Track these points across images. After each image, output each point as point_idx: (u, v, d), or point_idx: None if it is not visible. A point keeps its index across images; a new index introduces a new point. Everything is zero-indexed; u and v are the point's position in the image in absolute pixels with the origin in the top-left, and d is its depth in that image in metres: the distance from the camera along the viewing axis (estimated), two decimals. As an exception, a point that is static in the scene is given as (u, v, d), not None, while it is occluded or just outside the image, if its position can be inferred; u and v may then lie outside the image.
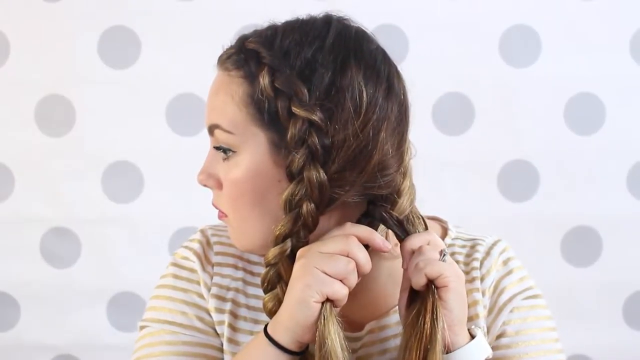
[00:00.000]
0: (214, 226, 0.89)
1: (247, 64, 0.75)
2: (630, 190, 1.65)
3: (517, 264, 0.87)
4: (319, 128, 0.72)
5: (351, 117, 0.73)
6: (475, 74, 1.62)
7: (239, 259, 0.87)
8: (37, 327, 1.65)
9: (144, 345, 0.84)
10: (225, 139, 0.76)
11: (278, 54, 0.74)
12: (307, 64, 0.74)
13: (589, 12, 1.62)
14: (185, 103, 1.61)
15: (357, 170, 0.74)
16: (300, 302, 0.72)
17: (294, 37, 0.76)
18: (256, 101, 0.74)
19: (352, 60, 0.74)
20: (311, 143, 0.72)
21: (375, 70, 0.75)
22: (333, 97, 0.73)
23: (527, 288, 0.85)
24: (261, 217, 0.77)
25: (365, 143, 0.73)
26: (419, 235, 0.77)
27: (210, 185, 0.80)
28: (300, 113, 0.72)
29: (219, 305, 0.84)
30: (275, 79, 0.73)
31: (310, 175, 0.72)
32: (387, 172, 0.75)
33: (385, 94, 0.75)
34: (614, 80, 1.63)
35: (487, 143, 1.63)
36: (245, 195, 0.76)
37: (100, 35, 1.60)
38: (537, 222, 1.64)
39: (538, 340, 0.83)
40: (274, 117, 0.74)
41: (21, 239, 1.63)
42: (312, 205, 0.73)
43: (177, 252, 0.88)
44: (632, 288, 1.67)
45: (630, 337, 1.67)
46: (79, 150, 1.62)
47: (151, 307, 0.86)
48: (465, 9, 1.62)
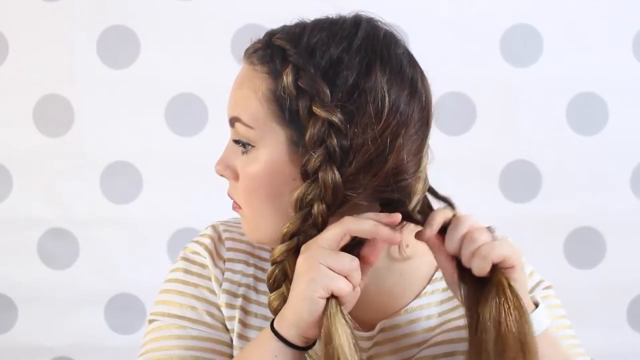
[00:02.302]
0: (225, 222, 0.89)
1: (273, 60, 0.76)
2: (634, 190, 1.64)
3: (524, 259, 0.86)
4: (338, 130, 0.73)
5: (372, 121, 0.73)
6: (477, 74, 1.62)
7: (250, 255, 0.87)
8: (34, 329, 1.65)
9: (153, 339, 0.84)
10: (245, 133, 0.77)
11: (304, 52, 0.75)
12: (332, 64, 0.74)
13: (591, 12, 1.61)
14: (184, 103, 1.61)
15: (371, 174, 0.74)
16: (304, 297, 0.71)
17: (322, 36, 0.76)
18: (278, 98, 0.75)
19: (377, 64, 0.74)
20: (329, 144, 0.72)
21: (399, 75, 0.75)
22: (355, 100, 0.73)
23: (538, 282, 0.88)
24: (275, 213, 0.77)
25: (383, 148, 0.73)
26: (447, 213, 0.76)
27: (227, 176, 0.81)
28: (320, 113, 0.72)
29: (230, 301, 0.84)
30: (299, 78, 0.73)
31: (325, 177, 0.73)
32: (403, 177, 0.75)
33: (407, 99, 0.75)
34: (617, 80, 1.62)
35: (489, 143, 1.63)
36: (260, 190, 0.77)
37: (99, 35, 1.60)
38: (539, 223, 1.63)
39: (555, 327, 0.84)
40: (295, 116, 0.74)
41: (19, 240, 1.63)
42: (323, 206, 0.74)
43: (187, 247, 0.88)
44: (636, 290, 1.66)
45: (635, 340, 1.66)
46: (78, 151, 1.62)
47: (160, 301, 0.86)
48: (466, 8, 1.61)
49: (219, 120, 1.60)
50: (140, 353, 0.84)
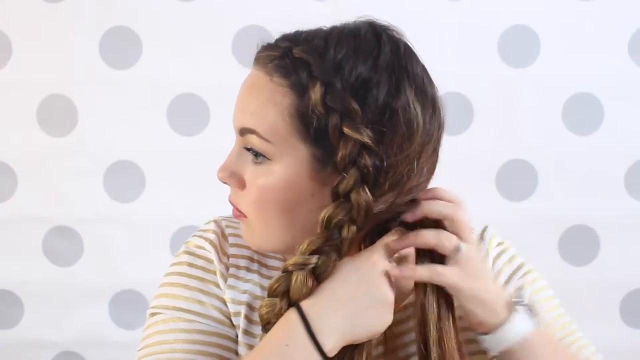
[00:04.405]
0: (226, 217, 0.87)
1: (296, 73, 0.72)
2: (628, 189, 1.65)
3: (506, 244, 0.89)
4: (371, 150, 0.70)
5: (404, 140, 0.71)
6: (474, 74, 1.62)
7: (254, 251, 0.85)
8: (40, 325, 1.66)
9: (156, 332, 0.81)
10: (260, 146, 0.73)
11: (329, 67, 0.71)
12: (361, 82, 0.71)
13: (588, 13, 1.62)
14: (186, 103, 1.62)
15: (397, 192, 0.73)
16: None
17: (346, 50, 0.72)
18: (303, 115, 0.71)
19: (405, 81, 0.72)
20: (362, 165, 0.70)
21: (423, 92, 0.74)
22: (387, 120, 0.71)
23: (519, 266, 0.88)
24: (286, 226, 0.75)
25: (411, 167, 0.72)
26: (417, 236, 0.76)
27: (231, 184, 0.77)
28: (351, 134, 0.70)
29: (236, 297, 0.83)
30: (327, 95, 0.70)
31: (358, 198, 0.70)
32: (415, 194, 0.75)
33: (430, 117, 0.74)
34: (613, 81, 1.63)
35: (486, 143, 1.64)
36: (274, 204, 0.74)
37: (102, 36, 1.61)
38: (535, 221, 1.65)
39: (547, 308, 0.85)
40: (322, 134, 0.71)
41: (24, 238, 1.64)
42: (353, 227, 0.72)
43: (190, 241, 0.85)
44: (629, 286, 1.67)
45: (627, 335, 1.68)
46: (81, 150, 1.63)
47: (163, 294, 0.83)
48: (464, 9, 1.62)
49: (220, 120, 1.62)
50: (142, 346, 0.81)
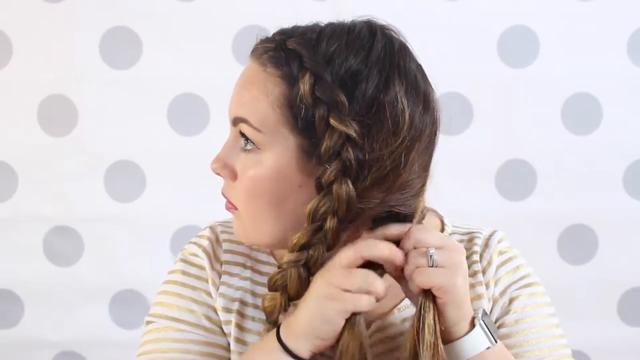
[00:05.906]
0: (223, 222, 0.87)
1: (288, 64, 0.73)
2: (626, 189, 1.66)
3: (514, 252, 0.86)
4: (355, 143, 0.71)
5: (389, 135, 0.71)
6: (474, 74, 1.63)
7: (247, 257, 0.85)
8: (40, 324, 1.66)
9: (150, 341, 0.82)
10: (252, 135, 0.75)
11: (321, 59, 0.72)
12: (350, 75, 0.72)
13: (587, 13, 1.62)
14: (186, 103, 1.62)
15: (384, 188, 0.73)
16: (324, 320, 0.71)
17: (339, 44, 0.73)
18: (292, 105, 0.72)
19: (395, 77, 0.73)
20: (345, 157, 0.71)
21: (415, 89, 0.74)
22: (374, 113, 0.71)
23: (522, 276, 0.85)
24: (275, 218, 0.76)
25: (397, 163, 0.72)
26: (400, 230, 0.74)
27: (223, 175, 0.78)
28: (337, 126, 0.71)
29: (227, 305, 0.83)
30: (316, 86, 0.71)
31: (339, 190, 0.71)
32: (409, 193, 0.75)
33: (421, 113, 0.74)
34: (611, 81, 1.63)
35: (485, 142, 1.64)
36: (263, 195, 0.75)
37: (102, 36, 1.61)
38: (534, 220, 1.65)
39: (540, 327, 0.83)
40: (309, 125, 0.72)
41: (24, 238, 1.64)
42: (335, 220, 0.72)
43: (185, 248, 0.86)
44: (627, 285, 1.68)
45: (625, 333, 1.69)
46: (82, 150, 1.63)
47: (158, 303, 0.84)
48: (463, 10, 1.62)
49: (221, 120, 1.62)
50: (139, 353, 0.83)
